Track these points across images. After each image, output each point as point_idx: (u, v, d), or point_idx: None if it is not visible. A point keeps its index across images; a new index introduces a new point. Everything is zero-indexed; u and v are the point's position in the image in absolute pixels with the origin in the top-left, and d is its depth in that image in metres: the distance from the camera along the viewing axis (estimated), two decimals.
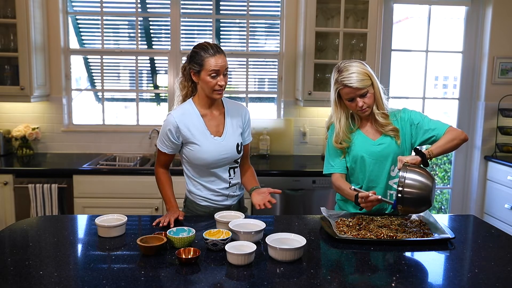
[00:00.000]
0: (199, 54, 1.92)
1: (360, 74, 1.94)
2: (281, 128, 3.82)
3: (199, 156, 2.00)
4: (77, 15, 3.83)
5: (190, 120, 2.00)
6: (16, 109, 3.70)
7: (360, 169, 2.07)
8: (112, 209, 2.97)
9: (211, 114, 2.05)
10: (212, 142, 2.01)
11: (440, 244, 1.72)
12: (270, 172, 3.26)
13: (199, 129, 2.01)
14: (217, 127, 2.05)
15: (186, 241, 1.61)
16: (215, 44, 1.95)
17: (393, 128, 2.03)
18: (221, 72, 1.92)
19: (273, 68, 3.97)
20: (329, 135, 2.16)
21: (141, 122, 3.92)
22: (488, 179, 3.89)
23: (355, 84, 1.92)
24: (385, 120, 2.03)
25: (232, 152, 2.04)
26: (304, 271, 1.46)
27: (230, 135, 2.05)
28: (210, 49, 1.91)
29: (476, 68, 3.96)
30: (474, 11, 3.91)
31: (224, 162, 2.04)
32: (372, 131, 2.07)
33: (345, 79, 1.94)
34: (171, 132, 1.99)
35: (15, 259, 1.53)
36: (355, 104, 1.98)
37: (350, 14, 3.58)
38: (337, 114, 2.07)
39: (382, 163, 2.03)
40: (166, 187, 2.09)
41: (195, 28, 3.95)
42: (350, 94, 1.96)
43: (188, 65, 1.98)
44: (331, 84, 2.05)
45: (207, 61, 1.90)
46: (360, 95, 1.95)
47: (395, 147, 2.03)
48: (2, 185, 3.14)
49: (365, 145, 2.05)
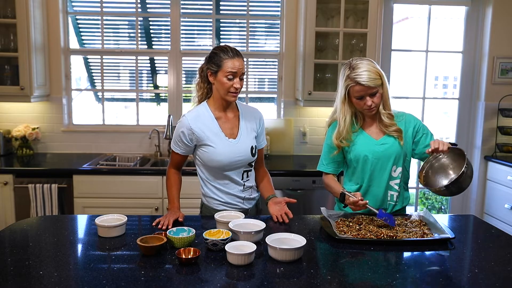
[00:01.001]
0: (219, 55, 1.94)
1: (372, 73, 1.92)
2: (281, 128, 3.82)
3: (214, 158, 2.00)
4: (77, 15, 3.84)
5: (204, 122, 2.01)
6: (16, 109, 3.70)
7: (361, 168, 2.06)
8: (112, 209, 2.97)
9: (226, 117, 2.05)
10: (227, 143, 2.01)
11: (440, 244, 1.72)
12: (270, 172, 3.21)
13: (213, 130, 2.01)
14: (232, 130, 2.05)
15: (186, 241, 1.61)
16: (235, 48, 1.97)
17: (397, 129, 2.03)
18: (238, 74, 1.93)
19: (273, 68, 3.97)
20: (328, 133, 2.14)
21: (141, 122, 3.92)
22: (488, 179, 3.89)
23: (367, 83, 1.91)
24: (390, 121, 2.03)
25: (246, 154, 2.04)
26: (304, 271, 1.46)
27: (245, 138, 2.05)
28: (230, 52, 1.93)
29: (476, 68, 3.96)
30: (474, 11, 3.91)
31: (238, 164, 2.04)
32: (375, 131, 2.07)
33: (357, 76, 1.92)
34: (184, 134, 2.00)
35: (15, 259, 1.53)
36: (363, 102, 1.96)
37: (350, 14, 3.58)
38: (343, 112, 2.03)
39: (384, 163, 2.03)
40: (173, 188, 2.09)
41: (195, 28, 3.95)
42: (360, 92, 1.94)
43: (206, 66, 1.99)
44: (340, 80, 2.02)
45: (225, 63, 1.91)
46: (370, 94, 1.94)
47: (397, 147, 2.03)
48: (2, 185, 3.14)
49: (367, 145, 2.05)
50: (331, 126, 2.15)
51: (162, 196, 3.19)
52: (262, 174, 2.22)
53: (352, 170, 2.11)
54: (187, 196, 2.46)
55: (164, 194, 3.17)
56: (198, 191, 2.19)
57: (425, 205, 5.42)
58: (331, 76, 3.63)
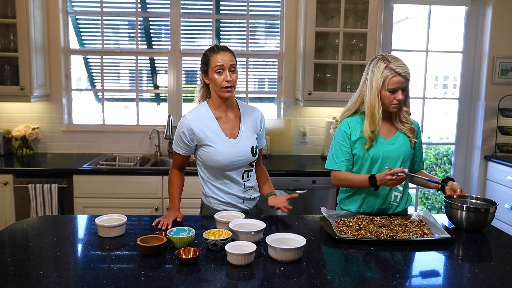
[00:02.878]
0: (206, 54, 1.98)
1: (407, 67, 1.96)
2: (281, 128, 3.82)
3: (214, 158, 2.00)
4: (77, 15, 3.84)
5: (204, 122, 2.01)
6: (16, 109, 3.70)
7: (369, 167, 2.04)
8: (112, 209, 2.98)
9: (226, 117, 2.05)
10: (227, 143, 2.01)
11: (440, 244, 1.72)
12: (270, 172, 3.21)
13: (213, 130, 2.01)
14: (232, 130, 2.05)
15: (186, 241, 1.61)
16: (223, 45, 1.99)
17: (411, 127, 2.07)
18: (225, 67, 1.92)
19: (273, 68, 3.97)
20: (339, 130, 2.10)
21: (141, 122, 3.92)
22: (488, 179, 3.89)
23: (406, 75, 1.94)
24: (407, 117, 2.06)
25: (247, 154, 2.04)
26: (304, 271, 1.46)
27: (245, 138, 2.05)
28: (215, 48, 1.95)
29: (476, 68, 3.96)
30: (474, 11, 3.91)
31: (239, 164, 2.04)
32: (386, 130, 2.07)
33: (398, 67, 1.93)
34: (184, 134, 2.01)
35: (15, 259, 1.53)
36: (394, 96, 1.96)
37: (350, 14, 3.58)
38: (378, 103, 1.99)
39: (391, 163, 2.03)
40: (174, 188, 2.09)
41: (195, 28, 3.95)
42: (397, 84, 1.94)
43: (200, 69, 2.02)
44: (370, 73, 1.99)
45: (212, 59, 1.94)
46: (403, 88, 1.96)
47: (407, 147, 2.04)
48: (2, 185, 3.14)
49: (378, 144, 2.04)
50: (343, 124, 2.09)
51: (162, 196, 3.19)
52: (259, 170, 2.24)
53: (359, 168, 2.08)
54: (188, 196, 2.46)
55: (164, 194, 3.17)
56: (198, 191, 2.19)
57: (425, 205, 5.43)
58: (331, 76, 3.63)
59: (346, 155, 2.07)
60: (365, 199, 2.09)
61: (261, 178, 2.23)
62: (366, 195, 2.08)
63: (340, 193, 2.21)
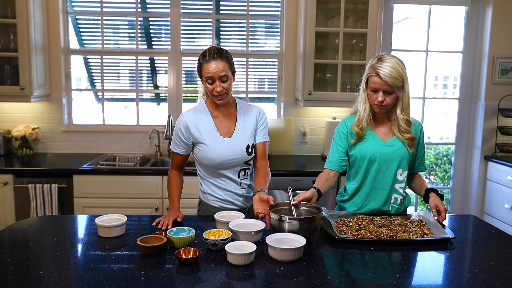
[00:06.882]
0: (199, 61, 1.96)
1: (395, 72, 1.89)
2: (281, 128, 3.82)
3: (207, 156, 2.01)
4: (77, 15, 3.84)
5: (200, 120, 2.03)
6: (16, 109, 3.70)
7: (366, 168, 2.04)
8: (112, 209, 2.98)
9: (223, 116, 2.06)
10: (221, 142, 2.01)
11: (440, 244, 1.72)
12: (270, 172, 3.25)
13: (208, 129, 2.02)
14: (228, 129, 2.05)
15: (186, 241, 1.61)
16: (215, 49, 1.94)
17: (412, 137, 2.01)
18: (215, 78, 1.91)
19: (273, 68, 3.97)
20: (337, 130, 2.10)
21: (141, 122, 3.92)
22: (488, 179, 3.89)
23: (385, 78, 1.88)
24: (407, 127, 2.00)
25: (241, 153, 2.04)
26: (304, 271, 1.46)
27: (241, 137, 2.05)
28: (207, 56, 1.92)
29: (476, 68, 3.96)
30: (474, 11, 3.91)
31: (233, 163, 2.04)
32: (384, 132, 2.05)
33: (379, 68, 1.90)
34: (181, 132, 2.02)
35: (15, 259, 1.53)
36: (376, 96, 1.94)
37: (350, 14, 3.58)
38: (364, 100, 2.01)
39: (389, 165, 2.02)
40: (174, 189, 2.09)
41: (195, 28, 3.95)
42: (376, 84, 1.92)
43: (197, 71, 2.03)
44: (366, 68, 2.00)
45: (203, 68, 1.93)
46: (385, 91, 1.92)
47: (405, 152, 2.02)
48: (2, 185, 3.14)
49: (375, 145, 2.03)
50: (341, 124, 2.11)
51: (162, 196, 3.19)
52: (259, 168, 2.10)
53: (356, 169, 2.08)
54: (187, 196, 2.46)
55: (164, 194, 3.17)
56: (198, 191, 2.19)
57: (425, 205, 5.42)
58: (331, 76, 3.63)
59: (341, 155, 2.08)
60: (364, 203, 2.08)
61: (256, 176, 2.11)
62: (365, 196, 2.07)
63: (339, 195, 2.21)
